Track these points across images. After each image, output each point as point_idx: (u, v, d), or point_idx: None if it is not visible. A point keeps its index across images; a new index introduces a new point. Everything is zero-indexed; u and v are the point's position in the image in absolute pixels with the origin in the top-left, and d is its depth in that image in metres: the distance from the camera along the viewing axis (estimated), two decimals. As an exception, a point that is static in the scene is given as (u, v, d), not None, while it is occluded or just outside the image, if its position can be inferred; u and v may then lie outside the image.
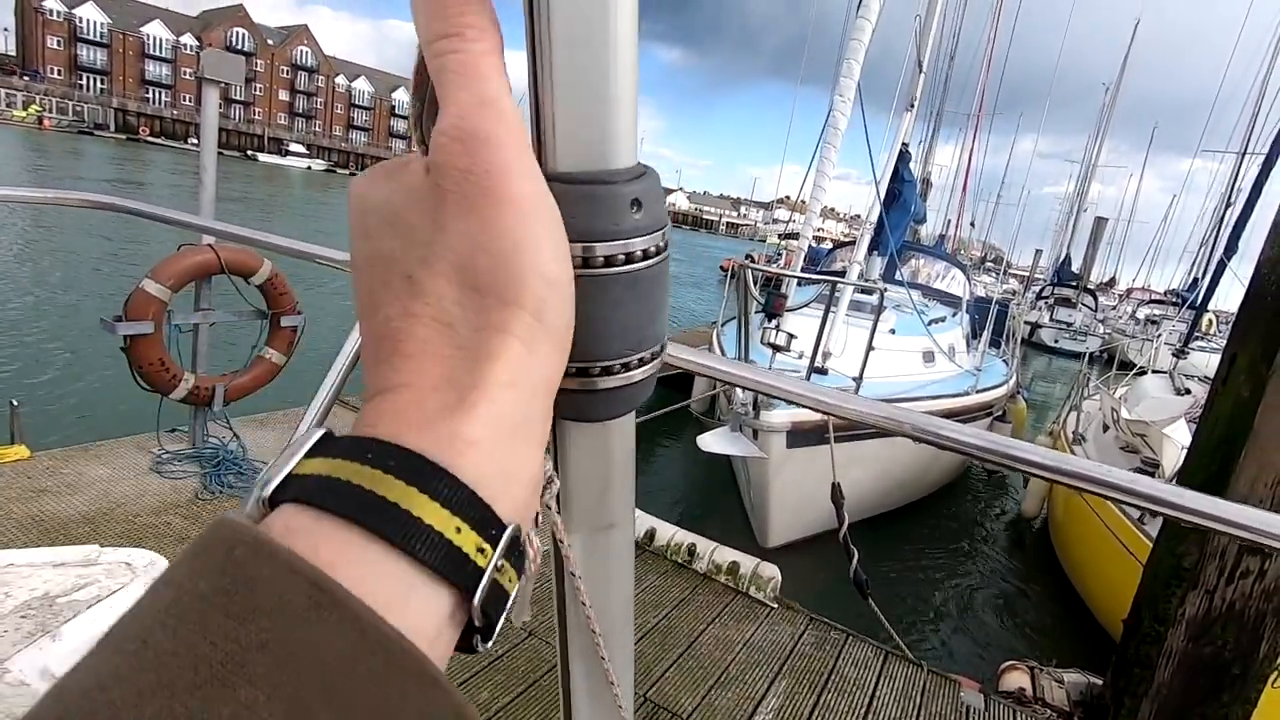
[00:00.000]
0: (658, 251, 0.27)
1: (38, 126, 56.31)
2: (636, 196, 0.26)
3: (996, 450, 0.88)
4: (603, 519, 0.34)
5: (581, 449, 0.31)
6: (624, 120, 0.25)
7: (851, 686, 2.70)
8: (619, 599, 0.37)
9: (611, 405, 0.28)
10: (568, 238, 0.25)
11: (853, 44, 5.38)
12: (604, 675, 0.36)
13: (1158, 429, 5.32)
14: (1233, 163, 19.29)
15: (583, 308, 0.26)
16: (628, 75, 0.25)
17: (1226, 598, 2.38)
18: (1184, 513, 0.78)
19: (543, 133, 0.25)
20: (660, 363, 0.29)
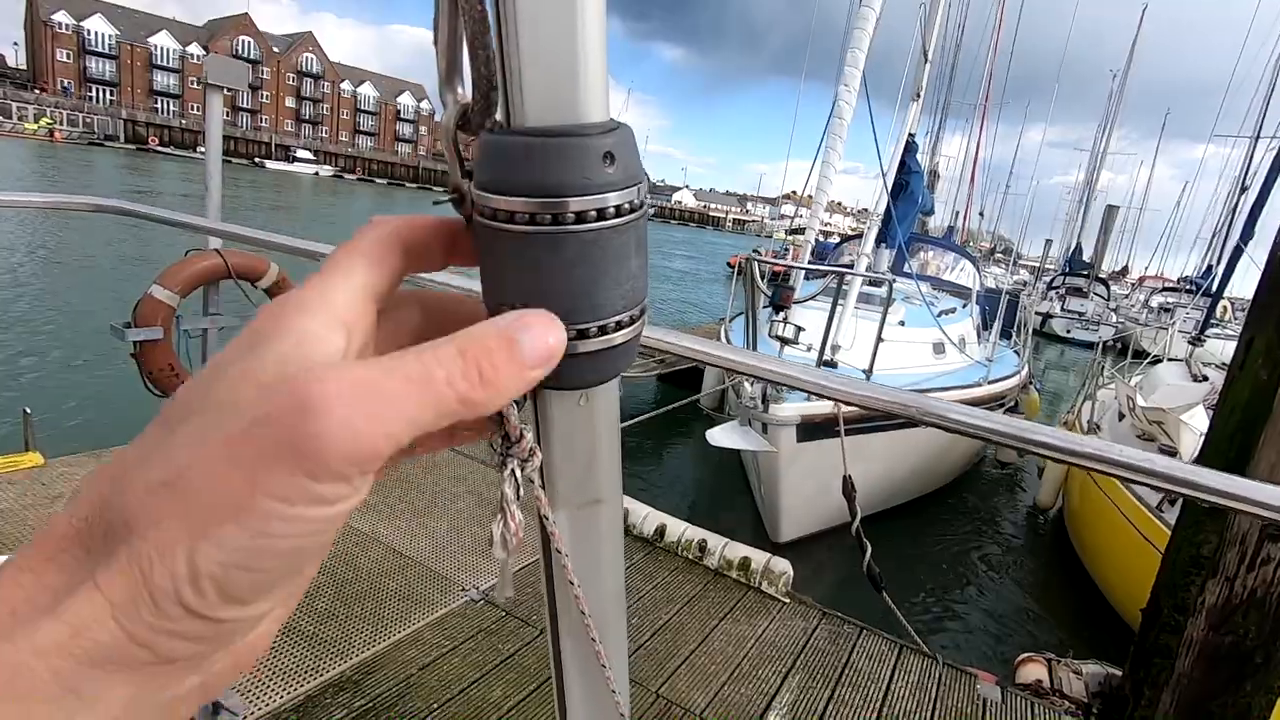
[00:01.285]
0: (632, 208, 0.25)
1: (49, 139, 56.97)
2: (609, 150, 0.24)
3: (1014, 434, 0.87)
4: (588, 494, 0.32)
5: (563, 420, 0.30)
6: (593, 71, 0.24)
7: (866, 680, 2.68)
8: (609, 577, 0.36)
9: (592, 371, 0.27)
10: (536, 194, 0.24)
11: (856, 34, 5.35)
12: (595, 656, 0.35)
13: (1175, 416, 5.26)
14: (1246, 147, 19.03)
15: (555, 267, 0.25)
16: (595, 24, 0.24)
17: (1248, 585, 2.34)
18: (1203, 492, 0.76)
19: (509, 86, 0.24)
20: (642, 324, 0.28)
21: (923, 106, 7.44)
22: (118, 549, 0.19)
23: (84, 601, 0.19)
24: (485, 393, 0.22)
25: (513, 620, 2.61)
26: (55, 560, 0.20)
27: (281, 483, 0.19)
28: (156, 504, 0.19)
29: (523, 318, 0.24)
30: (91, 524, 0.20)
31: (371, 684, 2.19)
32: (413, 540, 3.02)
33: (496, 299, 0.26)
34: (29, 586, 0.19)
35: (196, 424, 0.20)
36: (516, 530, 0.28)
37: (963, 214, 24.43)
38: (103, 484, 0.21)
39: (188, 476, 0.19)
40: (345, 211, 38.05)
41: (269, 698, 2.05)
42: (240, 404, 0.20)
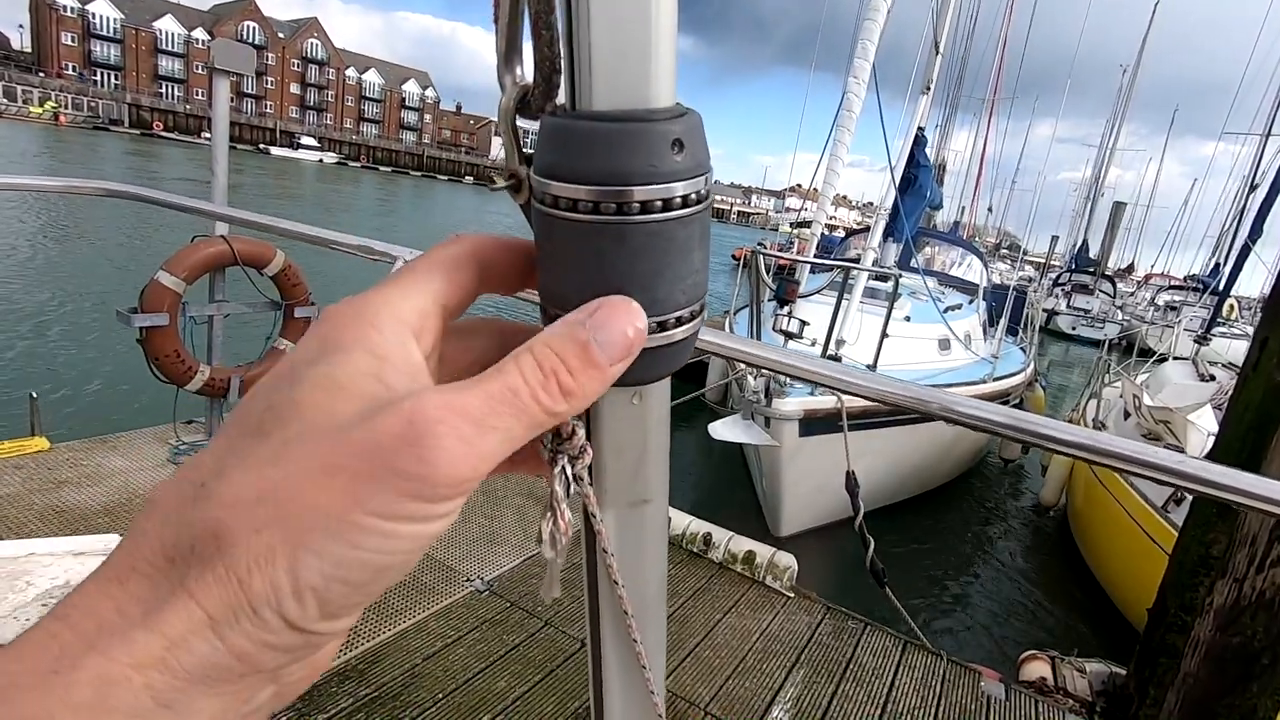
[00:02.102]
0: (699, 199, 0.24)
1: (54, 123, 56.92)
2: (679, 137, 0.23)
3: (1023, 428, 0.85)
4: (636, 493, 0.31)
5: (615, 417, 0.29)
6: (664, 54, 0.23)
7: (870, 676, 2.68)
8: (653, 578, 0.35)
9: (648, 368, 0.26)
10: (600, 182, 0.22)
11: (867, 25, 5.30)
12: (635, 658, 0.35)
13: (1182, 415, 5.24)
14: (1256, 145, 18.90)
15: (618, 259, 0.23)
16: (667, 8, 0.23)
17: (1256, 586, 2.33)
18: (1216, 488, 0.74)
19: (577, 70, 0.23)
20: (700, 322, 0.27)
21: (933, 100, 7.38)
22: (212, 560, 0.19)
23: (179, 613, 0.19)
24: (568, 403, 0.22)
25: (518, 611, 2.61)
26: (139, 571, 0.20)
27: (386, 502, 0.20)
28: (254, 516, 0.19)
29: (596, 313, 0.23)
30: (175, 533, 0.20)
31: (377, 673, 2.19)
32: (418, 530, 3.02)
33: (554, 290, 0.25)
34: (117, 597, 0.19)
35: (287, 436, 0.20)
36: (566, 529, 0.27)
37: (969, 209, 24.31)
38: (181, 494, 0.21)
39: (288, 490, 0.20)
40: (349, 199, 38.03)
41: (275, 685, 2.05)
42: (335, 419, 0.20)
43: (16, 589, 1.51)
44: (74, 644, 0.19)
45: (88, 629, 0.19)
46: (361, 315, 0.23)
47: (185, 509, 0.20)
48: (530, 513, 3.31)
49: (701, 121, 0.24)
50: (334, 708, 2.03)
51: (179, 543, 0.20)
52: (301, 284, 3.64)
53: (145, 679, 0.18)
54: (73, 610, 0.19)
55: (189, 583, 0.19)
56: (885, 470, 5.69)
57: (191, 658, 0.19)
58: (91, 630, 0.19)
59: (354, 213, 31.12)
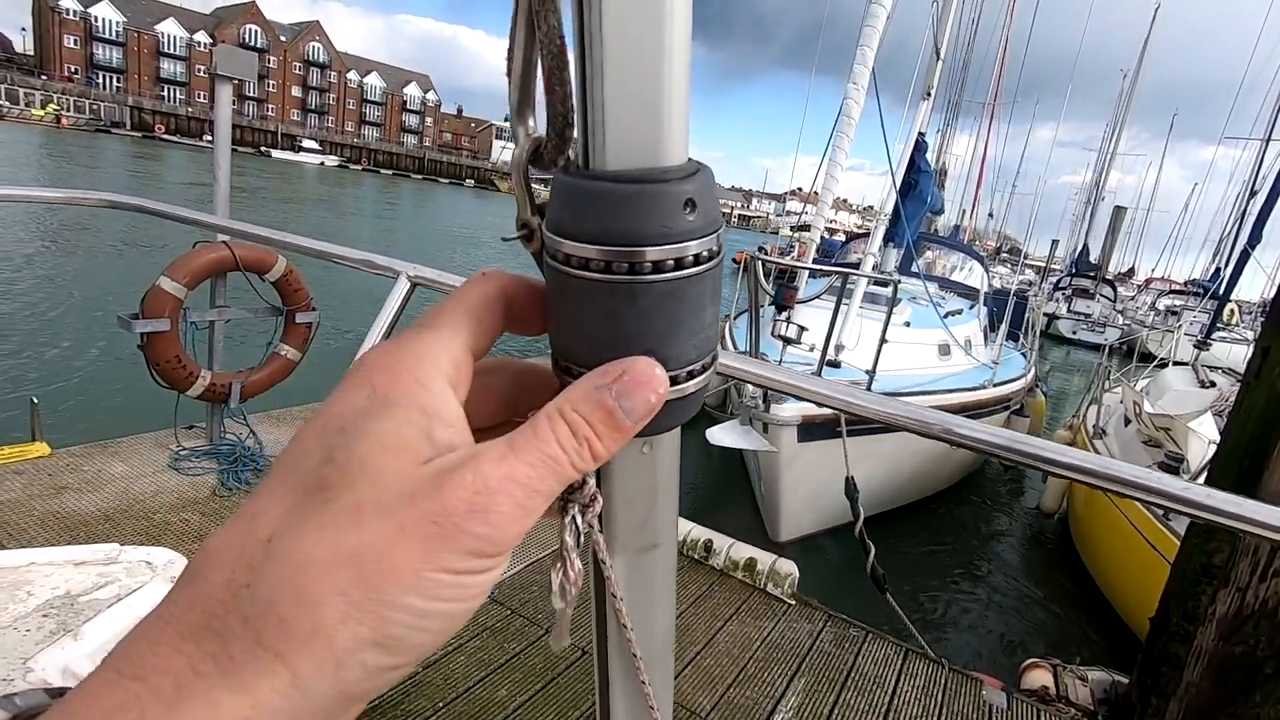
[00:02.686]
0: (710, 256, 0.24)
1: (56, 125, 57.02)
2: (691, 196, 0.23)
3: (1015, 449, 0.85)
4: (646, 539, 0.32)
5: (626, 466, 0.29)
6: (677, 113, 0.23)
7: (872, 685, 2.67)
8: (661, 620, 0.35)
9: (660, 420, 0.26)
10: (612, 243, 0.23)
11: (867, 31, 5.30)
12: (644, 700, 0.35)
13: (1183, 423, 5.23)
14: (1256, 149, 18.92)
15: (630, 318, 0.23)
16: (681, 65, 0.23)
17: (1259, 595, 2.33)
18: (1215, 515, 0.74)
19: (591, 128, 0.23)
20: (711, 374, 0.27)
21: (934, 105, 7.39)
22: (296, 619, 0.20)
23: (263, 673, 0.19)
24: (595, 462, 0.24)
25: (519, 619, 2.61)
26: (212, 628, 0.20)
27: (456, 559, 0.21)
28: (336, 577, 0.20)
29: (621, 379, 0.24)
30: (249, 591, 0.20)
31: (377, 682, 2.19)
32: (418, 536, 3.02)
33: (567, 345, 0.25)
34: (190, 655, 0.20)
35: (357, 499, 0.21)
36: (576, 579, 0.27)
37: (969, 213, 24.34)
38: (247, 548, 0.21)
39: (368, 553, 0.21)
40: (352, 202, 38.08)
41: (275, 694, 2.05)
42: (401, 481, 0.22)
43: (17, 599, 1.51)
44: (155, 706, 0.19)
45: (166, 689, 0.19)
46: (406, 368, 0.24)
47: (256, 565, 0.21)
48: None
49: (713, 177, 0.24)
50: (334, 717, 2.02)
51: (254, 599, 0.20)
52: (303, 289, 3.64)
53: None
54: (147, 669, 0.19)
55: (272, 642, 0.20)
56: (885, 476, 5.68)
57: (274, 715, 0.19)
58: (170, 691, 0.19)
59: (356, 215, 31.17)
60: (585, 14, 0.22)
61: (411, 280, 1.31)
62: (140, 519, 2.86)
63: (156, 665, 0.19)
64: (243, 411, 3.62)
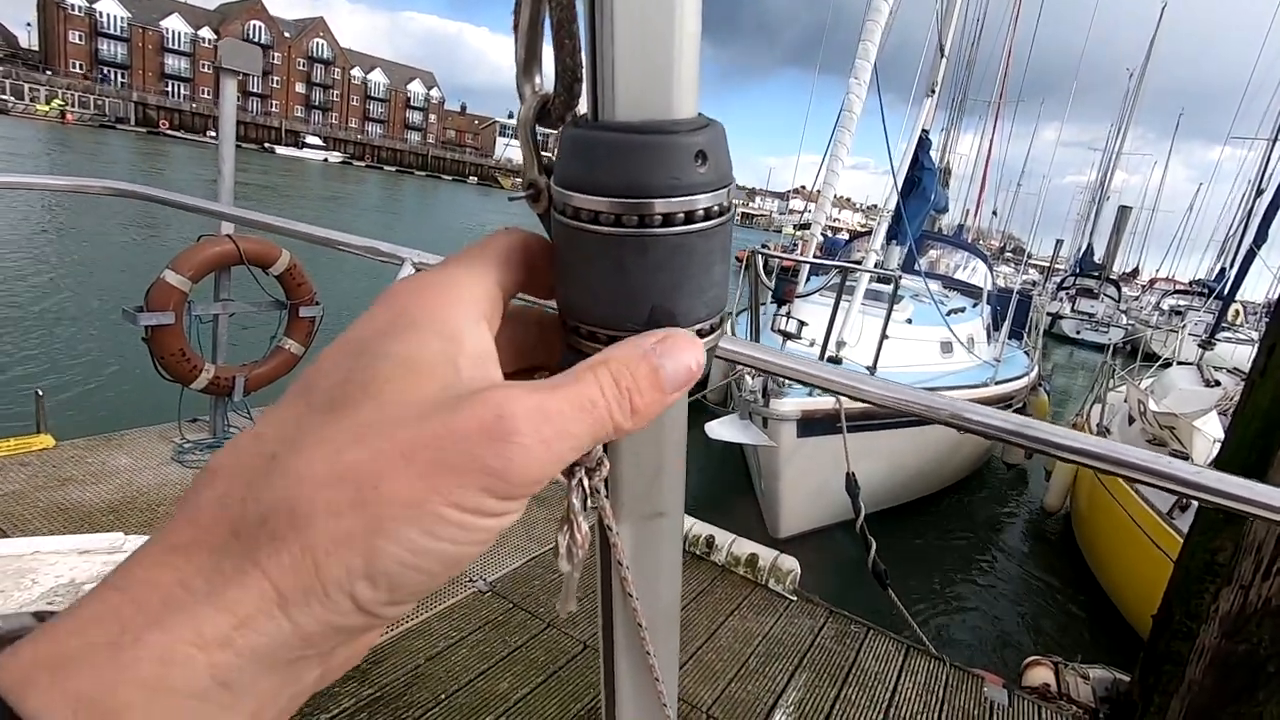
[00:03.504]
0: (721, 211, 0.24)
1: (60, 121, 57.13)
2: (701, 148, 0.23)
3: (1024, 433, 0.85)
4: (653, 506, 0.31)
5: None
6: (687, 65, 0.23)
7: (873, 680, 2.67)
8: (667, 590, 0.35)
9: None
10: (622, 195, 0.22)
11: (869, 27, 5.29)
12: (649, 669, 0.35)
13: (1187, 421, 5.21)
14: (1263, 149, 18.83)
15: (639, 272, 0.23)
16: (692, 17, 0.23)
17: (1263, 594, 2.32)
18: (1223, 497, 0.74)
19: (600, 80, 0.23)
20: (721, 334, 0.26)
21: (938, 102, 7.37)
22: (286, 538, 0.19)
23: (250, 590, 0.18)
24: (633, 421, 0.23)
25: (520, 613, 2.61)
26: (203, 542, 0.19)
27: (465, 495, 0.20)
28: (333, 497, 0.19)
29: (665, 341, 0.23)
30: (242, 505, 0.19)
31: (379, 673, 2.19)
32: (421, 530, 3.02)
33: (574, 301, 0.25)
34: (180, 569, 0.19)
35: (366, 417, 0.20)
36: (583, 542, 0.27)
37: (973, 212, 24.30)
38: (248, 463, 0.20)
39: (369, 474, 0.19)
40: (355, 198, 38.12)
41: (277, 685, 2.06)
42: (415, 403, 0.20)
43: (22, 586, 1.52)
44: (135, 618, 0.18)
45: (151, 603, 0.18)
46: (436, 292, 0.23)
47: (255, 480, 0.20)
48: (533, 513, 3.31)
49: (724, 133, 0.24)
50: (336, 708, 2.03)
51: (247, 515, 0.19)
52: (306, 283, 3.65)
53: (208, 657, 0.18)
54: (133, 582, 0.19)
55: (260, 559, 0.18)
56: (886, 473, 5.68)
57: (258, 637, 0.18)
58: (155, 604, 0.18)
59: (360, 211, 31.20)
60: None
61: (416, 266, 1.31)
62: (144, 511, 2.87)
63: (144, 578, 0.19)
64: (246, 405, 3.63)
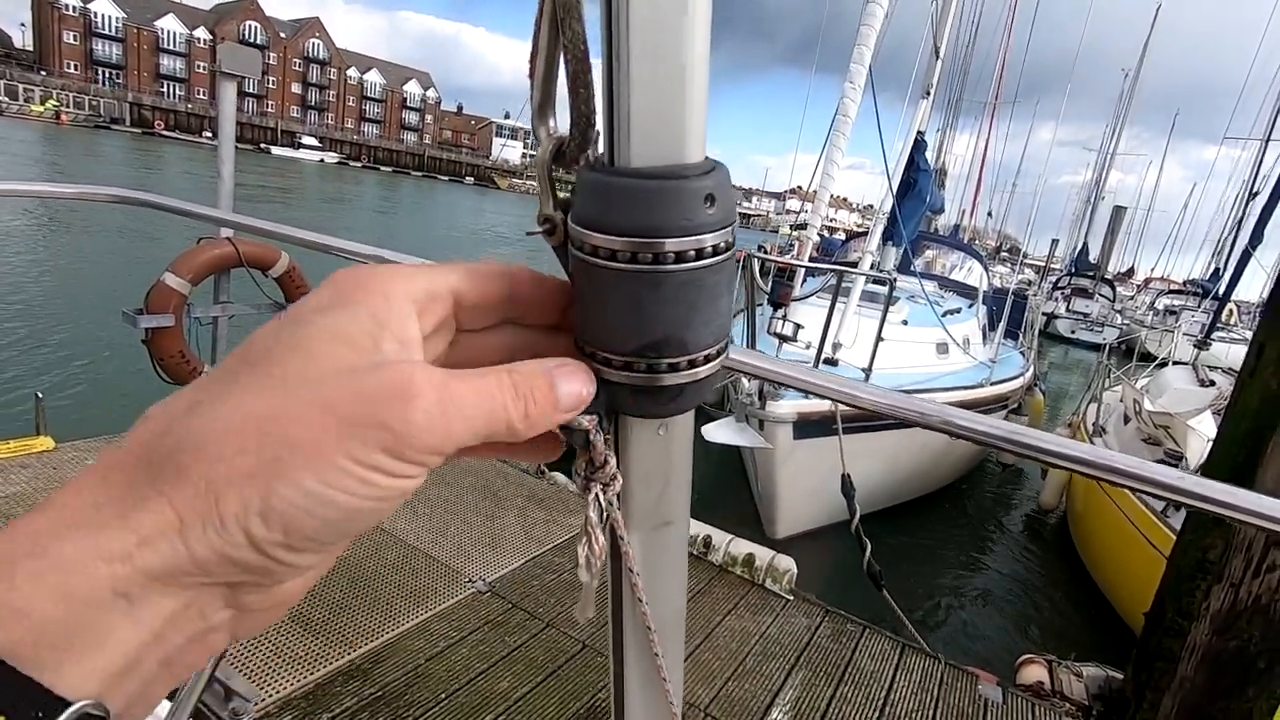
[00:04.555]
0: (726, 247, 0.26)
1: (55, 121, 56.89)
2: (710, 191, 0.25)
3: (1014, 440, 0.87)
4: (661, 516, 0.33)
5: (643, 446, 0.31)
6: (697, 113, 0.25)
7: (868, 679, 2.70)
8: (674, 595, 0.37)
9: (675, 402, 0.28)
10: (637, 234, 0.25)
11: (864, 30, 5.31)
12: (657, 672, 0.36)
13: (1182, 421, 5.25)
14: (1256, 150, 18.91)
15: (651, 305, 0.25)
16: (701, 72, 0.25)
17: (1253, 591, 2.35)
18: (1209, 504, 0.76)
19: (617, 128, 0.25)
20: (724, 359, 0.29)
21: (934, 104, 7.40)
22: (189, 470, 0.21)
23: (152, 513, 0.20)
24: (524, 425, 0.25)
25: (519, 613, 2.63)
26: (121, 468, 0.21)
27: (364, 451, 0.21)
28: (241, 438, 0.21)
29: (565, 366, 0.26)
30: (159, 441, 0.21)
31: (380, 673, 2.21)
32: (420, 532, 3.04)
33: (592, 332, 0.27)
34: (96, 492, 0.21)
35: (288, 371, 0.22)
36: (600, 553, 0.29)
37: (969, 212, 24.36)
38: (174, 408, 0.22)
39: (280, 420, 0.21)
40: (353, 199, 38.04)
41: (280, 685, 2.07)
42: (335, 366, 0.22)
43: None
44: (48, 533, 0.20)
45: (63, 521, 0.20)
46: (376, 282, 0.25)
47: (175, 420, 0.22)
48: (531, 514, 3.33)
49: (729, 174, 0.26)
50: (338, 707, 2.05)
51: (161, 448, 0.21)
52: (305, 286, 3.66)
53: (109, 569, 0.19)
54: (54, 505, 0.21)
55: (164, 486, 0.20)
56: (882, 474, 5.70)
57: (155, 557, 0.20)
58: (66, 522, 0.20)
59: (357, 212, 31.15)
60: (613, 24, 0.24)
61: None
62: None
63: (63, 502, 0.21)
64: (245, 407, 3.64)
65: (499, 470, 3.74)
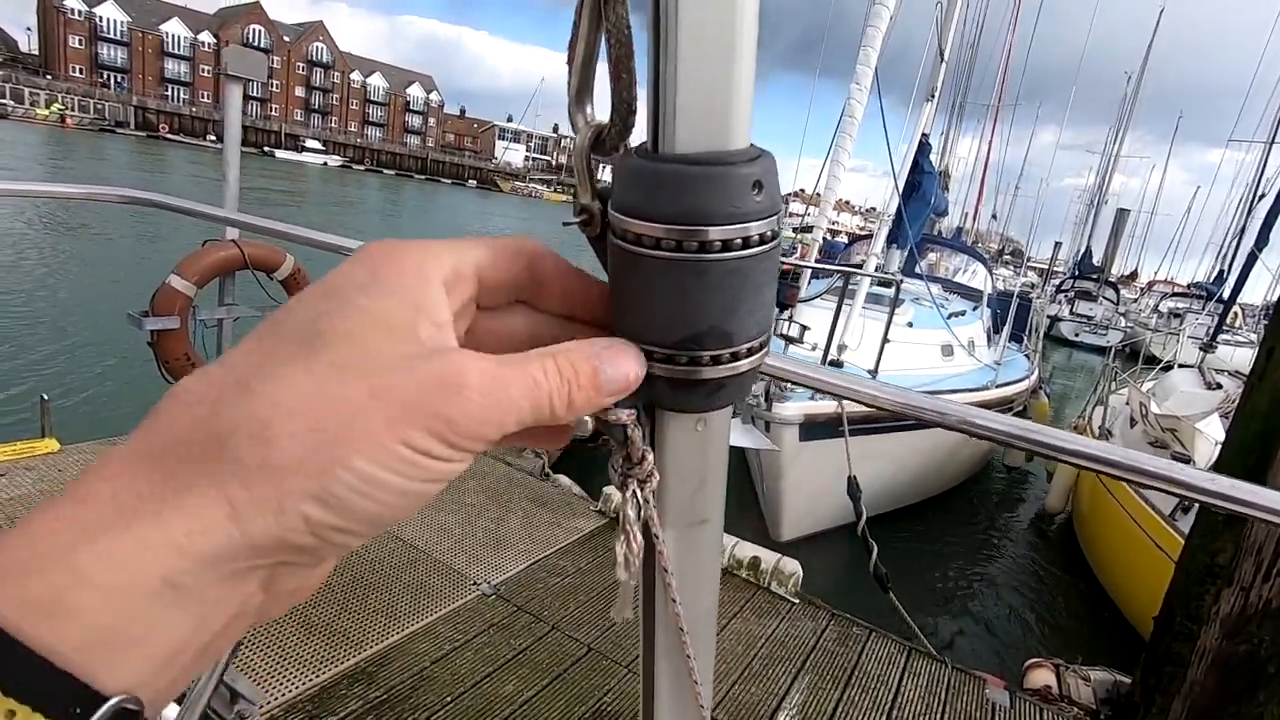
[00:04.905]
0: (772, 236, 0.26)
1: (60, 125, 57.15)
2: (758, 178, 0.25)
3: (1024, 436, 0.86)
4: (696, 514, 0.33)
5: (680, 442, 0.30)
6: (744, 99, 0.25)
7: (875, 683, 2.68)
8: (707, 596, 0.36)
9: (715, 397, 0.27)
10: (682, 222, 0.24)
11: (870, 32, 5.31)
12: (689, 674, 0.36)
13: (1189, 424, 5.23)
14: (1260, 152, 18.87)
15: (696, 294, 0.25)
16: (748, 54, 0.24)
17: (1263, 595, 2.33)
18: (1223, 500, 0.75)
19: (662, 114, 0.24)
20: (766, 352, 0.28)
21: (938, 106, 7.39)
22: (246, 456, 0.20)
23: (204, 500, 0.20)
24: (569, 412, 0.25)
25: (525, 616, 2.62)
26: (161, 456, 0.20)
27: (416, 436, 0.22)
28: (301, 422, 0.21)
29: (609, 349, 0.25)
30: (211, 422, 0.21)
31: (385, 676, 2.20)
32: (426, 534, 3.03)
33: (633, 322, 0.26)
34: (136, 479, 0.20)
35: (337, 359, 0.22)
36: (638, 551, 0.28)
37: (972, 215, 24.35)
38: (218, 386, 0.21)
39: (337, 409, 0.21)
40: (356, 201, 38.16)
41: (285, 688, 2.07)
42: (383, 355, 0.22)
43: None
44: (90, 524, 0.19)
45: (106, 510, 0.19)
46: (410, 260, 0.25)
47: (225, 400, 0.21)
48: (536, 517, 3.32)
49: (775, 162, 0.26)
50: (343, 710, 2.04)
51: (216, 431, 0.20)
52: (310, 288, 3.67)
53: (159, 559, 0.19)
54: (89, 493, 0.20)
55: (217, 472, 0.20)
56: (888, 476, 5.69)
57: (208, 544, 0.19)
58: (110, 512, 0.19)
59: (363, 215, 31.24)
60: (661, 9, 0.23)
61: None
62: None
63: (99, 490, 0.20)
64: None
65: (504, 473, 3.73)
